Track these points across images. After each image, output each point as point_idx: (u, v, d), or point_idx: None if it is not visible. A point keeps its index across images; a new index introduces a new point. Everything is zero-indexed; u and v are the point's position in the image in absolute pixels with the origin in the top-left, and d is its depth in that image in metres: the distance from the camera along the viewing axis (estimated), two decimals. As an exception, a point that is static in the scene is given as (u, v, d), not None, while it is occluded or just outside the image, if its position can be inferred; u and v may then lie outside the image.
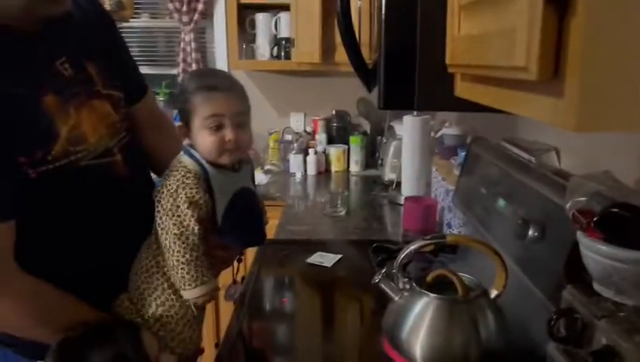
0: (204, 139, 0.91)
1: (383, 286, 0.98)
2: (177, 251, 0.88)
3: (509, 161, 1.21)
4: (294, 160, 2.47)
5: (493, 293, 0.93)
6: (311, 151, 2.47)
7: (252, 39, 2.47)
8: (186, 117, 0.93)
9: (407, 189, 1.93)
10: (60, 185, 0.84)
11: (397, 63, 0.86)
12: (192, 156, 0.92)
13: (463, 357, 0.90)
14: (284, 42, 2.38)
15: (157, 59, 2.67)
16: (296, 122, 2.66)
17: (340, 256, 1.40)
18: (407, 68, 0.85)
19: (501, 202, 1.16)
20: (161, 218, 0.90)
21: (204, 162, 0.91)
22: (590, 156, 1.08)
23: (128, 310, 0.93)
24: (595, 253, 0.64)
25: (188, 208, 0.88)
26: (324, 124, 2.57)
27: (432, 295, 0.92)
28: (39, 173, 0.81)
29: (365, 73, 1.08)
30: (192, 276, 0.89)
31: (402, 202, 1.91)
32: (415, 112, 1.91)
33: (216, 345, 2.24)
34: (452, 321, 0.91)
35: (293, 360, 1.00)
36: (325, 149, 2.53)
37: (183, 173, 0.90)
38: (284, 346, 1.05)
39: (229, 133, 0.91)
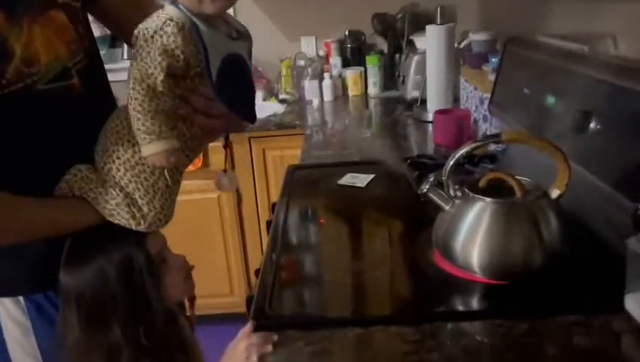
0: None
1: (431, 195, 0.90)
2: (135, 98, 0.78)
3: (555, 54, 1.10)
4: (309, 86, 2.35)
5: (554, 193, 0.85)
6: (326, 75, 2.35)
7: (255, -42, 2.30)
8: None
9: (434, 105, 1.82)
10: (13, 112, 0.76)
11: None
12: (177, 6, 0.80)
13: (524, 261, 0.83)
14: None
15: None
16: (308, 46, 2.52)
17: (372, 176, 1.32)
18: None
19: (550, 99, 1.06)
20: (131, 62, 0.80)
21: (190, 14, 0.80)
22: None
23: (87, 180, 0.83)
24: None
25: (159, 55, 0.77)
26: (337, 47, 2.43)
27: (487, 199, 0.85)
28: None
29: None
30: (149, 129, 0.77)
31: (429, 119, 1.82)
32: (438, 22, 1.78)
33: (249, 284, 2.23)
34: (511, 225, 0.84)
35: (341, 284, 0.94)
36: (341, 73, 2.41)
37: (163, 21, 0.78)
38: (326, 273, 0.99)
39: None
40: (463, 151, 0.87)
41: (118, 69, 2.27)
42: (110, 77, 1.00)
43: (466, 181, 0.91)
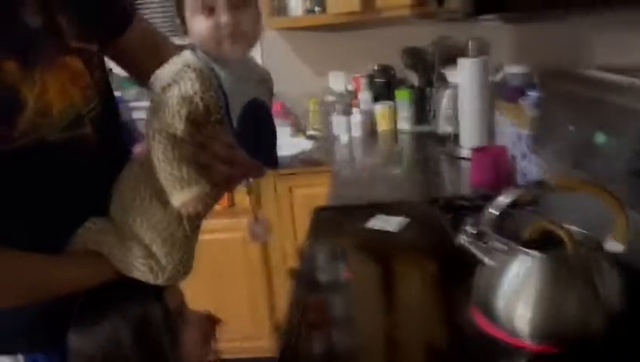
0: (197, 28, 0.75)
1: (470, 247, 0.81)
2: (158, 148, 0.74)
3: (603, 88, 1.01)
4: (338, 122, 2.29)
5: (611, 245, 0.75)
6: (355, 111, 2.29)
7: (282, -6, 2.29)
8: (180, 9, 0.78)
9: (468, 140, 1.74)
10: (23, 165, 0.71)
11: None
12: (194, 52, 0.77)
13: (579, 324, 0.73)
14: (317, -7, 2.20)
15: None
16: (336, 82, 2.47)
17: (404, 219, 1.23)
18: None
19: (600, 137, 0.97)
20: (148, 112, 0.76)
21: (208, 59, 0.76)
22: None
23: (101, 233, 0.79)
24: None
25: (178, 104, 0.74)
26: (366, 81, 2.38)
27: (534, 253, 0.75)
28: None
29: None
30: (177, 176, 0.74)
31: (463, 155, 1.74)
32: (470, 55, 1.70)
33: (276, 329, 2.14)
34: (563, 282, 0.74)
35: (366, 339, 0.85)
36: (370, 108, 2.35)
37: (180, 67, 0.75)
38: (352, 323, 0.91)
39: (223, 16, 0.74)
40: (505, 200, 0.78)
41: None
42: (140, 115, 0.96)
43: (508, 229, 0.82)
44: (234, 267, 2.08)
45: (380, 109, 2.32)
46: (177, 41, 0.87)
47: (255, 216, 1.01)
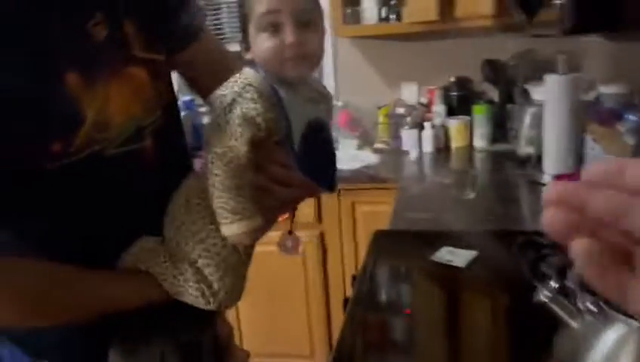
0: (261, 46, 0.73)
1: (553, 307, 0.68)
2: (216, 174, 0.71)
3: None
4: (408, 136, 2.17)
5: None
6: (427, 125, 2.16)
7: (356, 1, 2.20)
8: (244, 25, 0.75)
9: (552, 165, 1.57)
10: (77, 180, 0.69)
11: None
12: (256, 70, 0.74)
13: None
14: (393, 1, 2.09)
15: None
16: (409, 93, 2.35)
17: (474, 253, 1.11)
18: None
19: None
20: (208, 132, 0.73)
21: (271, 79, 0.73)
22: None
23: (153, 253, 0.76)
24: None
25: (239, 125, 0.71)
26: (441, 94, 2.24)
27: (632, 321, 0.62)
28: (55, 168, 0.65)
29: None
30: (233, 207, 0.71)
31: (545, 181, 1.58)
32: (560, 71, 1.54)
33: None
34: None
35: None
36: (444, 122, 2.21)
37: (242, 86, 0.72)
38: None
39: (289, 35, 0.71)
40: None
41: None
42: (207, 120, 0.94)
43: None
44: (291, 283, 2.02)
45: (455, 124, 2.18)
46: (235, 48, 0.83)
47: (289, 229, 0.98)
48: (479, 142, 2.17)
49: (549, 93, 1.56)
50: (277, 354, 2.09)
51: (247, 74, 0.74)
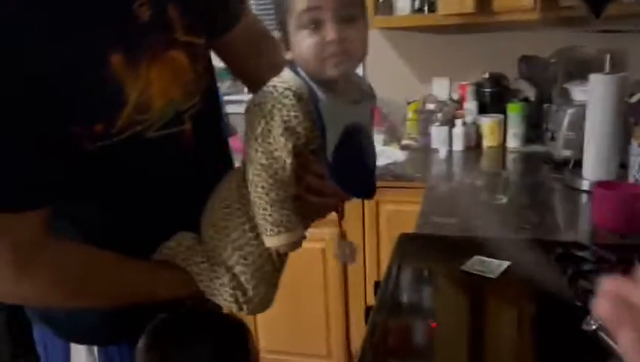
0: (301, 44, 0.70)
1: (602, 336, 0.61)
2: (262, 186, 0.71)
3: None
4: (437, 133, 2.09)
5: None
6: (458, 122, 2.07)
7: (389, -9, 2.11)
8: (283, 23, 0.72)
9: (593, 171, 1.47)
10: (117, 162, 0.69)
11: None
12: (296, 72, 0.72)
13: None
14: (428, -9, 2.00)
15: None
16: (440, 88, 2.26)
17: (507, 263, 1.03)
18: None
19: None
20: (248, 142, 0.72)
21: (311, 82, 0.70)
22: None
23: (191, 252, 0.77)
24: None
25: (282, 135, 0.70)
26: (474, 90, 2.15)
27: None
28: (96, 149, 0.66)
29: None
30: (277, 220, 0.72)
31: (584, 188, 1.48)
32: (605, 70, 1.44)
33: None
34: None
35: None
36: (476, 120, 2.12)
37: (281, 91, 0.70)
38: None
39: (330, 32, 0.68)
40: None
41: (241, 101, 2.22)
42: (231, 108, 0.93)
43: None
44: (311, 280, 1.96)
45: (489, 122, 2.08)
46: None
47: (342, 235, 1.08)
48: (512, 142, 2.07)
49: (593, 93, 1.46)
50: (293, 352, 2.04)
51: (287, 76, 0.72)
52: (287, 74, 0.72)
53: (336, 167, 0.73)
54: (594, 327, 0.61)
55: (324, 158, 0.73)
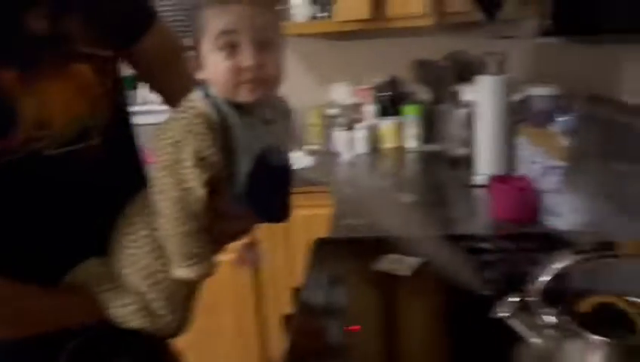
0: (215, 67, 0.67)
1: (514, 323, 0.65)
2: (174, 218, 0.68)
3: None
4: (340, 137, 2.13)
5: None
6: (359, 126, 2.13)
7: (285, -2, 2.13)
8: (197, 42, 0.69)
9: (485, 166, 1.58)
10: (14, 183, 0.66)
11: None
12: (207, 94, 0.69)
13: None
14: (324, -3, 2.04)
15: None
16: (340, 93, 2.31)
17: (419, 261, 1.07)
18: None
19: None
20: (157, 171, 0.69)
21: (222, 104, 0.68)
22: None
23: (99, 278, 0.73)
24: None
25: (194, 166, 0.66)
26: (372, 94, 2.22)
27: (596, 337, 0.59)
28: None
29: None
30: (188, 252, 0.70)
31: (478, 183, 1.58)
32: (490, 71, 1.55)
33: None
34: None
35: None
36: (376, 123, 2.19)
37: (190, 118, 0.67)
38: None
39: (246, 57, 0.66)
40: (561, 265, 0.62)
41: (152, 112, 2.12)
42: (140, 119, 0.92)
43: (560, 303, 0.66)
44: (221, 294, 1.91)
45: (388, 125, 2.16)
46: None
47: (250, 239, 0.97)
48: (410, 143, 2.17)
49: (481, 93, 1.57)
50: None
51: (197, 99, 0.68)
52: (198, 97, 0.69)
53: (250, 192, 0.71)
54: (503, 315, 0.65)
55: (236, 183, 0.71)
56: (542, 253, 1.07)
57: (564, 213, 1.16)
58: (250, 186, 0.71)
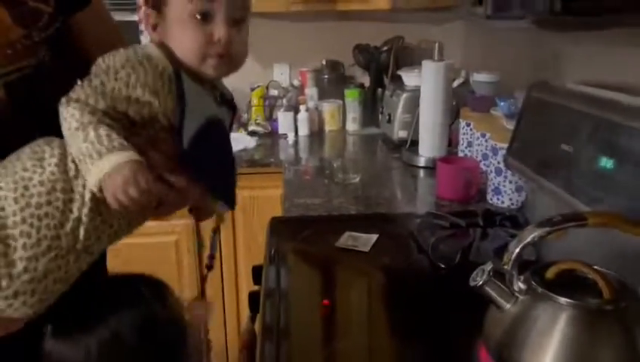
0: (183, 33, 0.65)
1: (489, 290, 0.69)
2: (72, 116, 0.61)
3: (609, 108, 0.93)
4: (284, 118, 2.13)
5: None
6: (302, 108, 2.14)
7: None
8: (161, 3, 0.67)
9: (427, 149, 1.64)
10: None
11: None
12: (161, 49, 0.66)
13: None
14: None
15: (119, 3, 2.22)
16: (281, 75, 2.30)
17: (376, 236, 1.10)
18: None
19: (606, 162, 0.88)
20: (75, 91, 0.64)
21: (178, 66, 0.66)
22: None
23: None
24: None
25: (124, 86, 0.63)
26: (313, 77, 2.23)
27: (562, 299, 0.64)
28: None
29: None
30: (95, 143, 0.59)
31: (420, 164, 1.64)
32: (435, 57, 1.60)
33: None
34: (598, 339, 0.63)
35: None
36: (317, 105, 2.20)
37: (139, 59, 0.64)
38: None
39: (219, 30, 0.65)
40: (532, 235, 0.67)
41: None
42: None
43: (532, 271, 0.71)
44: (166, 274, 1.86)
45: (329, 108, 2.18)
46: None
47: (202, 291, 1.02)
48: (351, 126, 2.20)
49: (426, 79, 1.62)
50: None
51: (151, 50, 0.66)
52: (151, 47, 0.67)
53: (192, 155, 0.68)
54: (480, 283, 0.68)
55: (177, 142, 0.67)
56: (488, 228, 1.14)
57: (504, 191, 1.24)
58: (194, 149, 0.67)
